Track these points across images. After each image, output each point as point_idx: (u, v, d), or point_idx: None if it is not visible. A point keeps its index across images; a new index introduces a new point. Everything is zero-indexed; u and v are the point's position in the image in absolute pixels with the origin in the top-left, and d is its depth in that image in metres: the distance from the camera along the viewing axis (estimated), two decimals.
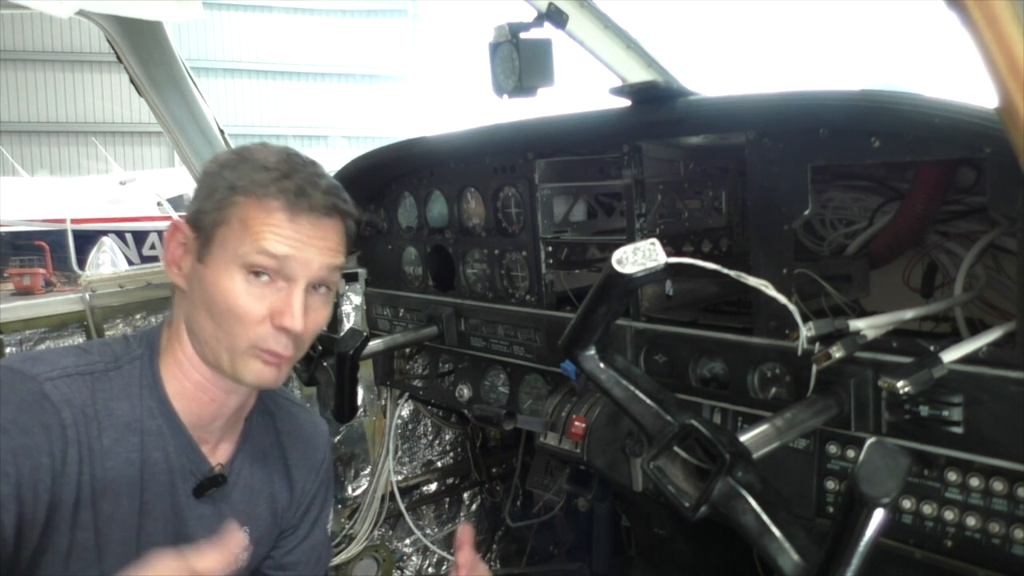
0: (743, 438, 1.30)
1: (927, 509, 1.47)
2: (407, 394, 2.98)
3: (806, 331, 1.46)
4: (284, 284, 1.42)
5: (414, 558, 3.20)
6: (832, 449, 1.61)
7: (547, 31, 1.78)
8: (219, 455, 1.58)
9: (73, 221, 16.45)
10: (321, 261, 1.44)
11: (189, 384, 1.49)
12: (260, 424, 1.69)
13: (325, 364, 2.17)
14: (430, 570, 3.24)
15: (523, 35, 1.74)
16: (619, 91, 1.81)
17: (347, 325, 2.94)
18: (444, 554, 3.24)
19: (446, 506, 3.27)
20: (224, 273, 1.40)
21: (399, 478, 3.06)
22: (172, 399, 1.48)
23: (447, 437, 3.24)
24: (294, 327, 1.40)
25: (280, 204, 1.40)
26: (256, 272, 1.40)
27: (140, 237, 17.10)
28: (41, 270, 16.99)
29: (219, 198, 1.42)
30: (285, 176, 1.42)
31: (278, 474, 1.72)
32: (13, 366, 1.37)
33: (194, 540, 1.53)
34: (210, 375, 1.49)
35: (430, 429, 3.20)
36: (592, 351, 1.35)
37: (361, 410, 2.94)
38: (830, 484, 1.62)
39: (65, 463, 1.32)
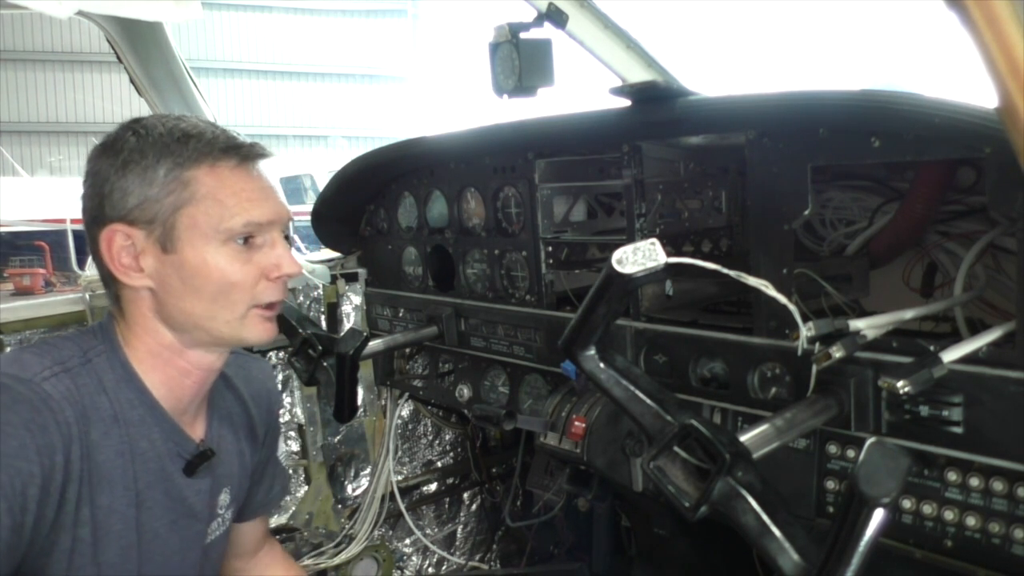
0: (743, 438, 1.30)
1: (927, 509, 1.47)
2: (407, 394, 2.98)
3: (806, 331, 1.46)
4: (262, 240, 1.47)
5: (414, 558, 3.20)
6: (832, 449, 1.61)
7: (547, 31, 1.78)
8: (197, 431, 1.61)
9: (73, 221, 16.42)
10: (282, 208, 1.52)
11: (173, 371, 1.50)
12: (219, 391, 1.71)
13: (325, 364, 2.16)
14: (430, 570, 3.24)
15: (523, 35, 1.74)
16: (619, 91, 1.81)
17: (347, 325, 2.94)
18: (444, 554, 3.24)
19: (446, 506, 3.27)
20: (208, 251, 1.42)
21: (399, 478, 3.06)
22: (153, 389, 1.48)
23: (447, 437, 3.24)
24: (295, 270, 1.50)
25: (233, 163, 1.45)
26: (238, 239, 1.45)
27: None
28: (41, 270, 16.99)
29: (165, 181, 1.39)
30: (213, 137, 1.45)
31: (243, 429, 1.77)
32: (3, 371, 1.34)
33: (196, 513, 1.58)
34: (194, 358, 1.51)
35: (430, 429, 3.20)
36: (592, 351, 1.35)
37: (361, 410, 2.94)
38: (830, 484, 1.62)
39: (69, 460, 1.33)
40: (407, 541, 3.18)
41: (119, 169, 1.40)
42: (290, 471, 2.70)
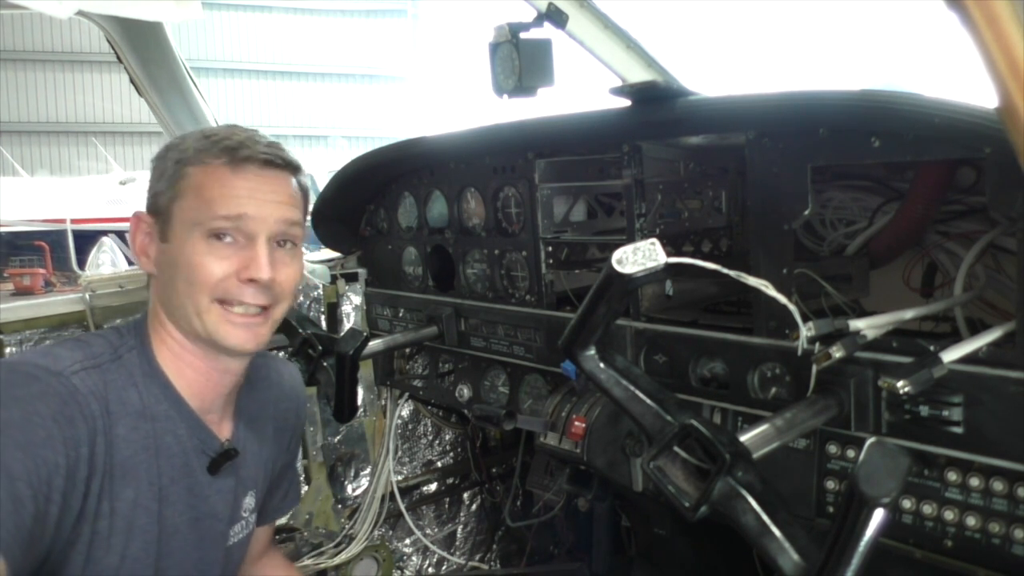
0: (743, 438, 1.30)
1: (927, 509, 1.47)
2: (407, 394, 2.98)
3: (806, 331, 1.46)
4: (246, 241, 1.47)
5: (414, 558, 3.20)
6: (832, 449, 1.61)
7: (547, 31, 1.78)
8: (223, 431, 1.63)
9: (73, 221, 16.44)
10: (277, 214, 1.50)
11: (184, 366, 1.53)
12: (246, 394, 1.73)
13: (325, 364, 2.17)
14: (430, 570, 3.24)
15: (523, 35, 1.74)
16: (619, 91, 1.81)
17: (347, 325, 2.94)
18: (444, 554, 3.24)
19: (446, 506, 3.27)
20: (187, 243, 1.46)
21: (399, 478, 3.06)
22: (174, 381, 1.52)
23: (447, 437, 3.24)
24: (261, 276, 1.46)
25: (223, 161, 1.47)
26: (218, 236, 1.45)
27: None
28: (41, 270, 17.00)
29: (170, 175, 1.49)
30: (225, 138, 1.49)
31: (270, 433, 1.79)
32: (36, 362, 1.38)
33: (217, 513, 1.60)
34: (200, 353, 1.53)
35: (430, 429, 3.20)
36: (592, 351, 1.35)
37: (361, 410, 2.94)
38: (830, 484, 1.62)
39: (94, 453, 1.35)
40: (407, 541, 3.17)
41: (154, 166, 1.54)
42: None
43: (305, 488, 2.87)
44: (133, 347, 1.51)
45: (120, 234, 16.27)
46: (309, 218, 2.82)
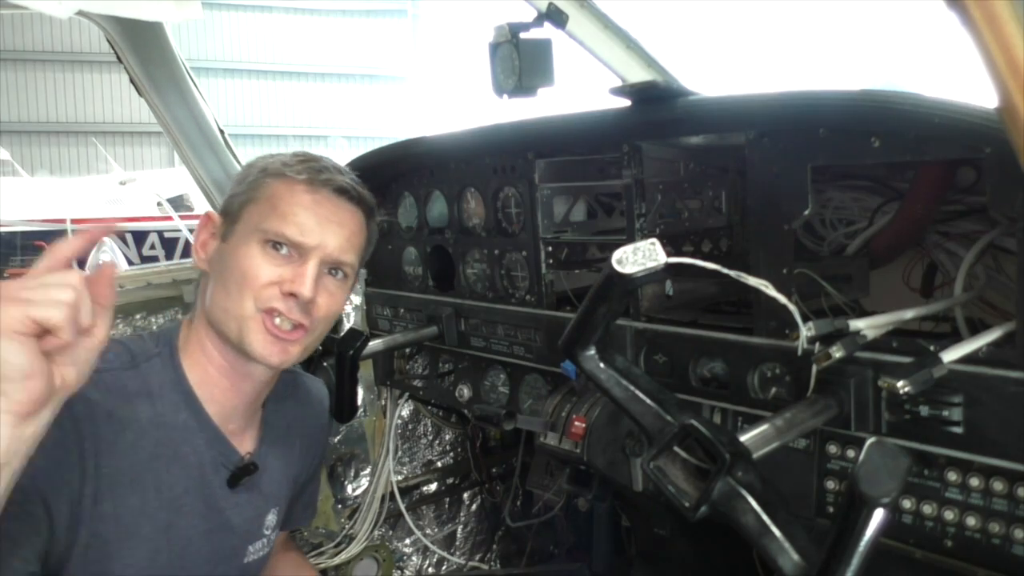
0: (743, 438, 1.30)
1: (927, 509, 1.47)
2: (407, 394, 2.98)
3: (806, 331, 1.46)
4: (299, 257, 1.50)
5: (414, 558, 3.20)
6: (832, 449, 1.61)
7: (547, 31, 1.78)
8: (245, 445, 1.62)
9: (73, 221, 16.44)
10: (337, 243, 1.53)
11: (212, 370, 1.53)
12: (274, 409, 1.73)
13: (325, 364, 2.17)
14: (430, 570, 3.24)
15: (523, 35, 1.74)
16: (619, 91, 1.81)
17: (347, 325, 2.93)
18: (444, 554, 3.24)
19: (446, 506, 3.27)
20: (243, 244, 1.49)
21: (399, 478, 3.06)
22: (196, 390, 1.51)
23: (447, 437, 3.24)
24: (303, 292, 1.46)
25: (304, 179, 1.52)
26: (275, 245, 1.49)
27: (140, 237, 17.09)
28: None
29: (250, 181, 1.55)
30: (312, 160, 1.56)
31: (295, 452, 1.79)
32: None
33: (233, 527, 1.59)
34: (230, 357, 1.53)
35: (430, 429, 3.20)
36: (592, 351, 1.35)
37: (361, 410, 2.94)
38: (830, 484, 1.62)
39: (82, 457, 1.35)
40: (407, 541, 3.17)
41: (240, 174, 1.62)
42: None
43: None
44: (156, 355, 1.51)
45: (120, 234, 16.31)
46: None
